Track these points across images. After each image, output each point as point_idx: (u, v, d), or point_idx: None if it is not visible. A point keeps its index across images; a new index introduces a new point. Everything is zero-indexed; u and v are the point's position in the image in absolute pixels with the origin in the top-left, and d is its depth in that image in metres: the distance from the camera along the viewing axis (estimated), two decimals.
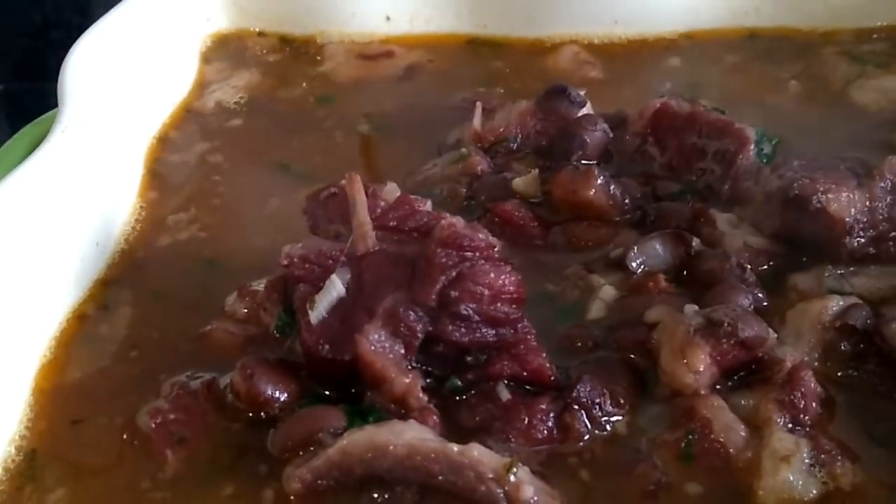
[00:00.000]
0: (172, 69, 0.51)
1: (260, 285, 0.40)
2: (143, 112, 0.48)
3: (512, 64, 0.53)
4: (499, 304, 0.35)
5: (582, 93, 0.47)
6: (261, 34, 0.55)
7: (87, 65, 0.45)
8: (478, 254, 0.35)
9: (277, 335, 0.38)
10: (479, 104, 0.47)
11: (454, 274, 0.35)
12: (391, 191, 0.38)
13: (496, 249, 0.36)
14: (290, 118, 0.50)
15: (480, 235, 0.36)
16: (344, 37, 0.55)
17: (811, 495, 0.32)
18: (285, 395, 0.36)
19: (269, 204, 0.45)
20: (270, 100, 0.52)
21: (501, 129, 0.46)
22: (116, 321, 0.40)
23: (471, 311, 0.35)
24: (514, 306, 0.35)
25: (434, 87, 0.52)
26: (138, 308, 0.41)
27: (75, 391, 0.38)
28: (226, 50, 0.55)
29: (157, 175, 0.47)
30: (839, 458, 0.33)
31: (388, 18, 0.54)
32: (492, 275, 0.35)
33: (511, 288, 0.35)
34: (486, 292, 0.35)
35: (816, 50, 0.52)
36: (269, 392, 0.36)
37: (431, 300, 0.35)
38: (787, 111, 0.48)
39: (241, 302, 0.40)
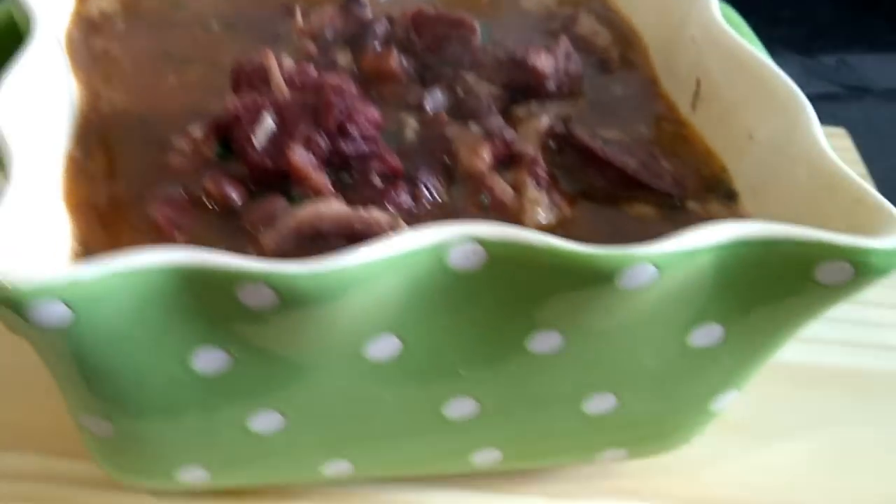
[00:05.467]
0: None
1: (195, 129, 0.49)
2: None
3: None
4: (370, 128, 0.48)
5: (366, 1, 0.60)
6: None
7: None
8: (353, 97, 0.49)
9: (219, 159, 0.48)
10: (297, 8, 0.59)
11: (345, 109, 0.48)
12: (289, 63, 0.50)
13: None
14: (158, 21, 0.57)
15: (353, 86, 0.50)
16: None
17: (552, 221, 0.48)
18: (241, 194, 0.46)
19: (168, 80, 0.53)
20: (137, 6, 0.58)
21: (318, 26, 0.58)
22: (99, 159, 0.47)
23: (355, 133, 0.49)
24: (377, 129, 0.49)
25: None
26: (112, 149, 0.48)
27: (93, 206, 0.45)
28: None
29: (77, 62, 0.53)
30: (562, 201, 0.49)
31: None
32: (365, 108, 0.48)
33: (376, 116, 0.48)
34: (363, 119, 0.48)
35: None
36: (232, 193, 0.46)
37: (331, 127, 0.47)
38: (484, 16, 0.61)
39: (183, 140, 0.49)
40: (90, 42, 0.55)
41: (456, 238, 0.39)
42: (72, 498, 0.50)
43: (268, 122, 0.46)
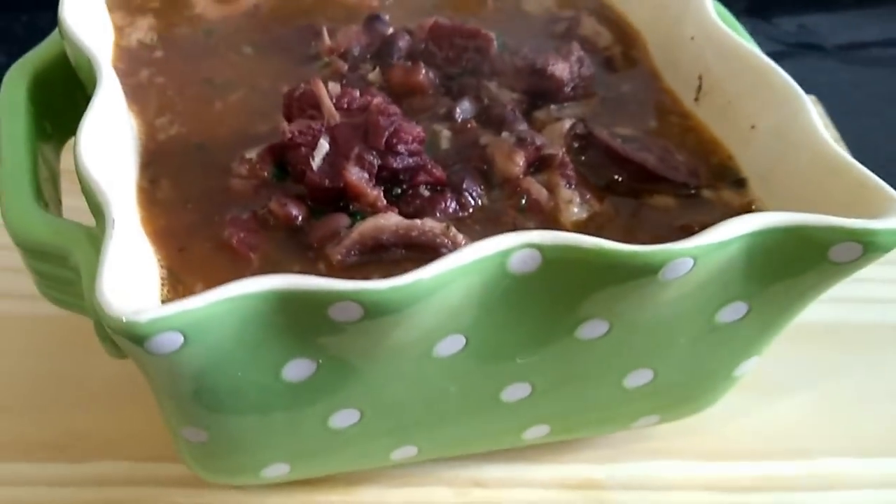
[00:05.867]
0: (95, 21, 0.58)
1: (251, 153, 0.52)
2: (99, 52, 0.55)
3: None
4: (415, 144, 0.52)
5: (387, 17, 0.63)
6: None
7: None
8: (397, 116, 0.52)
9: (275, 181, 0.51)
10: (325, 27, 0.62)
11: (392, 128, 0.52)
12: (334, 87, 0.53)
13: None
14: (193, 48, 0.59)
15: (395, 106, 0.53)
16: None
17: (584, 217, 0.51)
18: (303, 213, 0.50)
19: (214, 105, 0.56)
20: (172, 35, 0.60)
21: (345, 44, 0.61)
22: (165, 188, 0.50)
23: (402, 149, 0.52)
24: (421, 145, 0.53)
25: (278, 16, 0.63)
26: (175, 177, 0.51)
27: (169, 233, 0.48)
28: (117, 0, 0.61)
29: (128, 95, 0.55)
30: (593, 198, 0.52)
31: None
32: (411, 127, 0.52)
33: (420, 133, 0.52)
34: (409, 137, 0.51)
35: None
36: (295, 212, 0.49)
37: (381, 145, 0.51)
38: (491, 21, 0.65)
39: (241, 165, 0.51)
40: (136, 73, 0.57)
41: (515, 245, 0.43)
42: (160, 498, 0.54)
43: (324, 147, 0.50)
